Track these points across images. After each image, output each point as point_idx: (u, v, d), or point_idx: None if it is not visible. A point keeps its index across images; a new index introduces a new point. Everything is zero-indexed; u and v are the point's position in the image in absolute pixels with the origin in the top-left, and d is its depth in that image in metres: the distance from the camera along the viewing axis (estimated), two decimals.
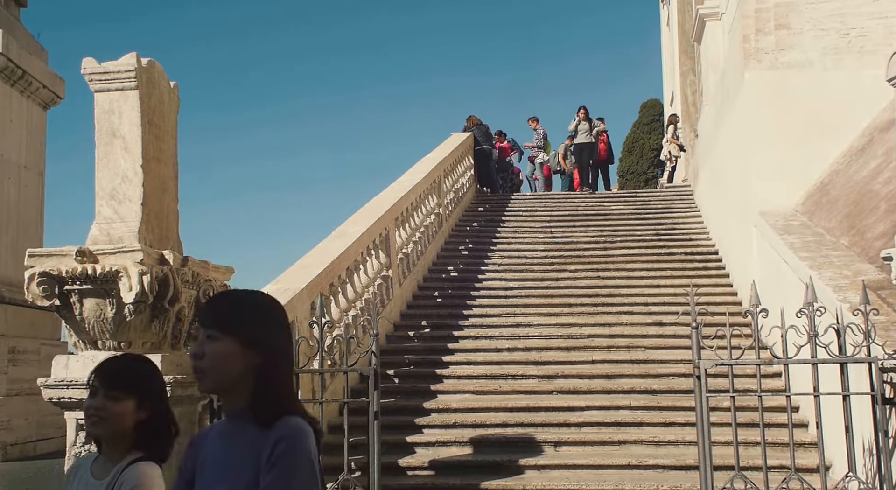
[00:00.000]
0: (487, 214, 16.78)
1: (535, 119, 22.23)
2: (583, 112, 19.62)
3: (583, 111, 19.62)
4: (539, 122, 22.28)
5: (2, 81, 11.67)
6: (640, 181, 33.28)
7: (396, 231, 11.84)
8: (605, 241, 14.32)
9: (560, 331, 10.66)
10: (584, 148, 19.67)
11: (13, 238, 11.80)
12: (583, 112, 19.62)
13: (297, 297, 7.87)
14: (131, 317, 5.15)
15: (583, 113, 19.62)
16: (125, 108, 5.70)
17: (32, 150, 12.56)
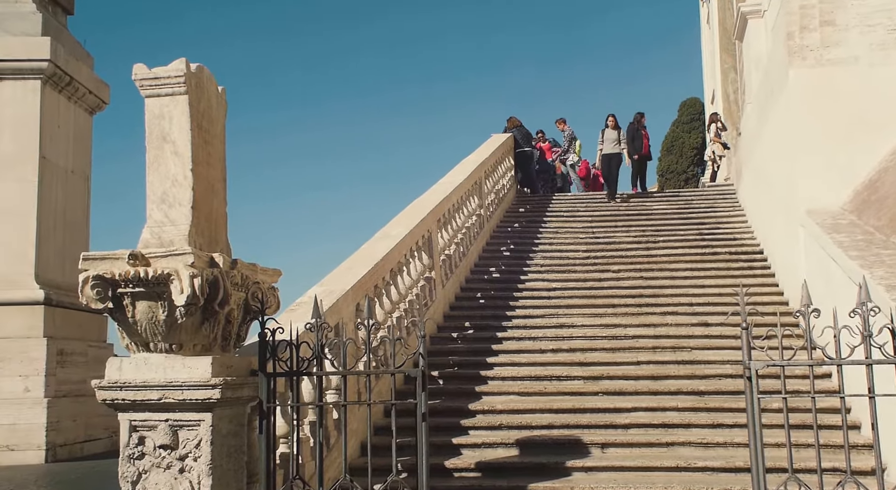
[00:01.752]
0: (528, 215, 16.74)
1: (562, 120, 21.98)
2: (612, 120, 18.56)
3: (611, 119, 18.58)
4: (566, 122, 22.05)
5: (50, 88, 11.89)
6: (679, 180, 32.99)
7: (439, 232, 11.84)
8: (647, 241, 14.21)
9: (604, 332, 10.60)
10: (612, 158, 18.39)
11: (61, 242, 12.00)
12: (612, 120, 18.56)
13: (342, 299, 7.89)
14: (182, 319, 5.20)
15: (612, 121, 18.55)
16: (175, 112, 5.76)
17: (79, 155, 12.78)
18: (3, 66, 11.56)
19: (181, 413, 5.16)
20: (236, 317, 5.65)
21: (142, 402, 5.14)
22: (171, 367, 5.17)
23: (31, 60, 11.61)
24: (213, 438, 5.16)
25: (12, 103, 11.60)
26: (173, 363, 5.19)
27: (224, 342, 5.59)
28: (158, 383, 5.12)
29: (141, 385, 5.13)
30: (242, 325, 5.78)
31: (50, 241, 11.71)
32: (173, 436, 5.14)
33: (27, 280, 11.17)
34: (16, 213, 11.30)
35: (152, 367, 5.20)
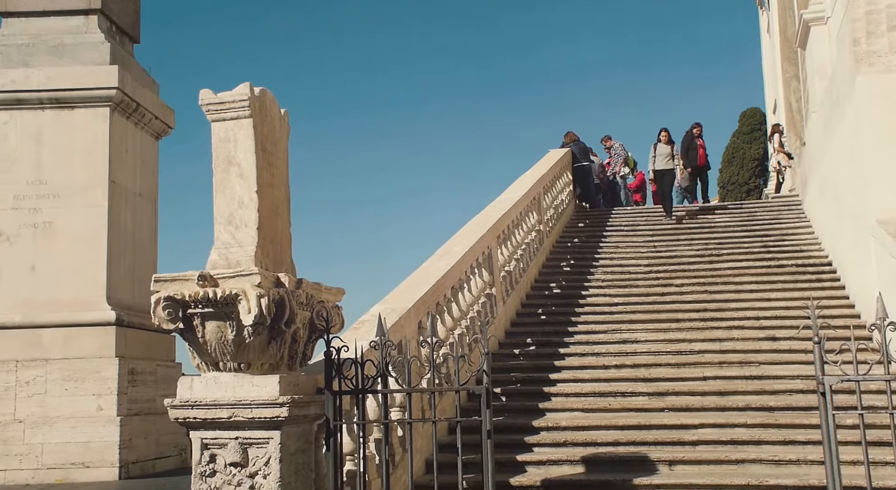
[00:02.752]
0: (588, 230, 16.63)
1: (607, 137, 21.74)
2: (664, 134, 17.76)
3: (664, 133, 17.77)
4: (612, 138, 21.77)
5: (118, 114, 12.23)
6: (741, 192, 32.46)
7: (499, 249, 11.83)
8: (710, 254, 14.00)
9: (668, 347, 10.45)
10: (666, 174, 17.61)
11: (130, 264, 12.31)
12: (664, 134, 17.76)
13: (404, 317, 7.93)
14: (250, 338, 5.28)
15: (664, 135, 17.75)
16: (240, 135, 5.88)
17: (146, 179, 13.10)
18: (75, 95, 11.95)
19: (250, 431, 5.23)
20: (302, 336, 5.72)
21: (212, 421, 5.22)
22: (240, 386, 5.25)
23: (100, 88, 11.98)
24: (282, 456, 5.22)
25: (83, 130, 11.97)
26: (242, 382, 5.27)
27: (291, 361, 5.66)
28: (228, 402, 5.21)
29: (211, 404, 5.22)
30: (308, 344, 5.84)
31: (120, 263, 12.02)
32: (243, 453, 5.22)
33: (99, 301, 11.47)
34: (87, 237, 11.63)
35: (222, 385, 5.29)
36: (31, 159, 11.85)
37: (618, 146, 21.46)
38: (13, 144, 11.90)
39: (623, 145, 21.57)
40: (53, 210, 11.68)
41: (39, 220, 11.65)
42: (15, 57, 12.28)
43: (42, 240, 11.61)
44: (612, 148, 21.44)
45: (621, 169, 21.35)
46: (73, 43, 12.42)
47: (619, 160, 21.28)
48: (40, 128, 11.95)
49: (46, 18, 12.64)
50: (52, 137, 11.94)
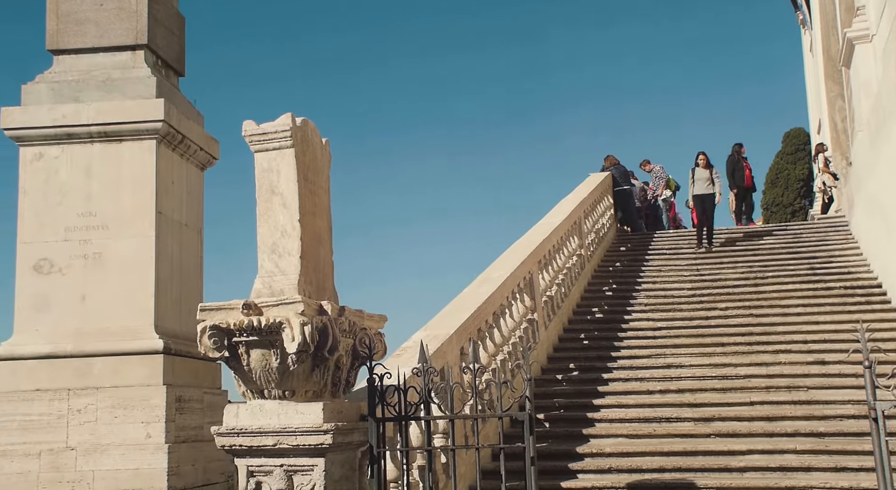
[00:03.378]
0: (630, 254, 16.54)
1: (646, 162, 21.59)
2: (702, 158, 17.22)
3: (702, 157, 17.23)
4: (651, 162, 21.62)
5: (164, 146, 12.49)
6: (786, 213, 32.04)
7: (540, 274, 11.82)
8: (755, 277, 13.84)
9: (714, 371, 10.33)
10: (706, 199, 16.90)
11: (177, 293, 12.50)
12: (702, 158, 17.22)
13: (446, 343, 7.95)
14: (294, 366, 5.34)
15: (702, 159, 17.21)
16: (282, 165, 5.98)
17: (192, 209, 13.33)
18: (122, 129, 12.24)
19: (295, 458, 5.28)
20: (345, 363, 5.77)
21: (258, 448, 5.28)
22: (285, 414, 5.31)
23: (146, 121, 12.24)
24: (326, 483, 5.25)
25: (131, 163, 12.24)
26: (286, 409, 5.33)
27: (334, 388, 5.71)
28: (273, 429, 5.26)
29: (256, 431, 5.28)
30: (351, 371, 5.89)
31: (167, 292, 12.22)
32: (288, 481, 5.26)
33: (147, 330, 11.66)
34: (135, 267, 11.86)
35: (267, 413, 5.35)
36: (82, 192, 12.13)
37: (658, 169, 21.32)
38: (64, 178, 12.21)
39: (663, 168, 21.45)
40: (103, 241, 11.93)
41: (89, 251, 11.90)
42: (66, 93, 12.61)
43: (92, 270, 11.86)
44: (652, 171, 21.32)
45: (663, 192, 21.20)
46: (121, 78, 12.73)
47: (660, 183, 21.15)
48: (90, 161, 12.25)
49: (95, 55, 12.98)
50: (101, 170, 12.22)
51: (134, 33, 12.92)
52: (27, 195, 12.20)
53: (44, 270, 11.91)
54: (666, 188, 21.25)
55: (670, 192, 21.53)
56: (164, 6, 13.57)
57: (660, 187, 21.13)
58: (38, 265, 11.93)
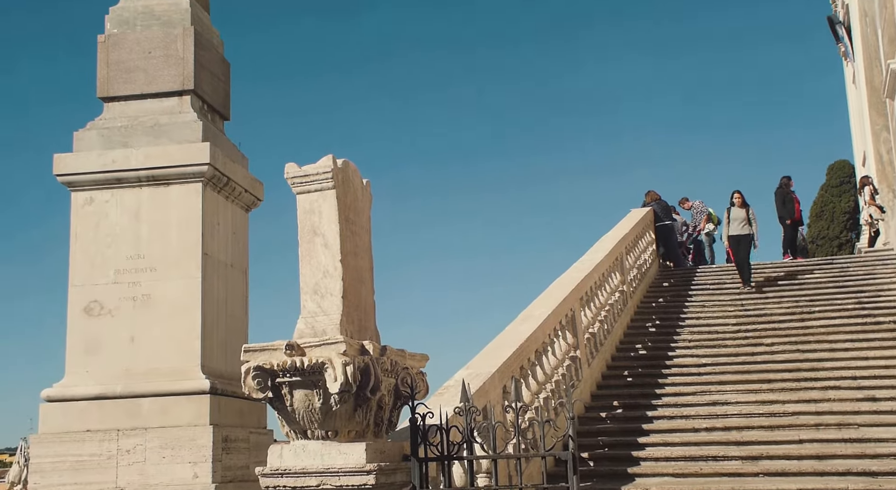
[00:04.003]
0: (673, 289, 16.41)
1: (685, 199, 21.42)
2: (738, 197, 16.55)
3: (738, 196, 16.56)
4: (689, 199, 21.46)
5: (210, 189, 12.76)
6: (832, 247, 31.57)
7: (582, 311, 11.79)
8: (801, 311, 13.63)
9: (760, 408, 10.16)
10: (742, 240, 16.19)
11: (223, 333, 12.68)
12: (738, 197, 16.55)
13: (488, 382, 7.95)
14: (337, 406, 5.41)
15: (738, 198, 16.54)
16: (324, 207, 6.11)
17: (237, 250, 13.56)
18: (170, 172, 12.55)
19: None
20: (387, 402, 5.82)
21: (302, 489, 5.33)
22: (328, 454, 5.36)
23: (193, 165, 12.54)
24: None
25: (178, 206, 12.52)
26: (329, 450, 5.38)
27: (377, 428, 5.75)
28: (316, 470, 5.32)
29: (300, 472, 5.34)
30: (393, 411, 5.94)
31: (213, 332, 12.41)
32: None
33: (194, 371, 11.84)
34: (182, 308, 12.08)
35: (310, 453, 5.41)
36: (131, 235, 12.43)
37: (698, 204, 21.21)
38: (114, 221, 12.52)
39: (703, 202, 21.33)
40: (151, 282, 12.19)
41: (138, 293, 12.16)
42: (115, 138, 12.98)
43: (140, 311, 12.10)
44: (692, 207, 21.20)
45: (705, 226, 21.04)
46: (169, 122, 13.07)
47: (701, 217, 21.01)
48: (139, 204, 12.56)
49: (143, 101, 13.36)
50: (150, 213, 12.51)
51: (181, 79, 13.28)
52: (78, 239, 12.52)
53: (94, 312, 12.17)
54: (708, 222, 21.08)
55: (713, 225, 21.34)
56: (210, 52, 13.94)
57: (701, 222, 20.98)
58: (88, 307, 12.21)
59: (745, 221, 16.41)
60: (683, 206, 21.29)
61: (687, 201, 21.37)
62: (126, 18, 13.46)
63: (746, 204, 16.65)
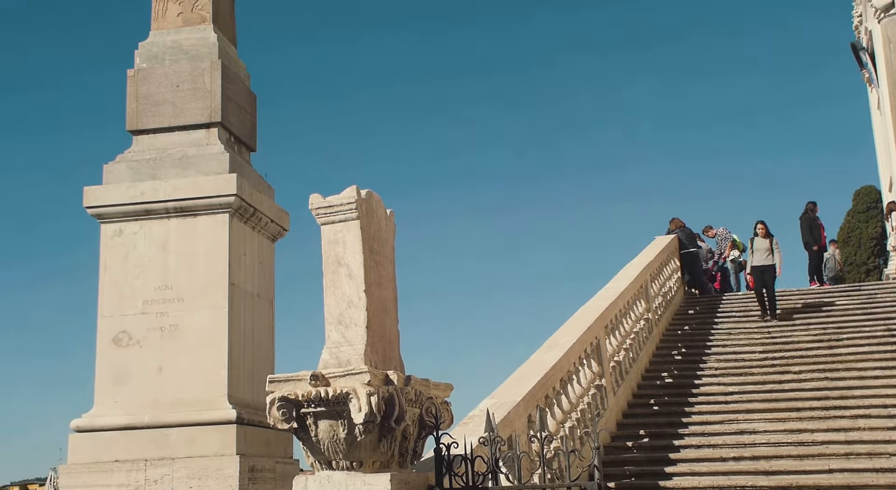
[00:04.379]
0: (698, 317, 16.31)
1: (708, 227, 21.32)
2: (761, 228, 16.32)
3: (761, 227, 16.34)
4: (713, 227, 21.36)
5: (236, 220, 12.90)
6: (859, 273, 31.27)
7: (607, 339, 11.76)
8: (829, 338, 13.51)
9: (789, 438, 10.06)
10: (766, 271, 15.88)
11: (249, 363, 12.76)
12: (761, 228, 16.32)
13: (513, 411, 7.95)
14: (361, 436, 5.44)
15: (761, 229, 16.32)
16: (348, 237, 6.18)
17: (263, 280, 13.68)
18: (197, 203, 12.71)
19: None
20: (412, 432, 5.84)
21: None
22: (353, 485, 5.39)
23: (220, 196, 12.69)
24: None
25: (205, 236, 12.67)
26: (354, 480, 5.41)
27: (401, 458, 5.77)
28: None
29: None
30: (418, 441, 5.95)
31: (240, 362, 12.49)
32: None
33: (221, 401, 11.90)
34: (209, 338, 12.18)
35: (335, 484, 5.43)
36: (159, 265, 12.58)
37: (722, 231, 21.13)
38: (142, 252, 12.68)
39: (727, 229, 21.24)
40: (178, 313, 12.31)
41: (166, 324, 12.29)
42: (144, 170, 13.18)
43: (168, 342, 12.21)
44: (717, 235, 21.12)
45: (730, 253, 20.93)
46: (196, 154, 13.25)
47: (725, 244, 20.91)
48: (166, 235, 12.72)
49: (171, 133, 13.56)
50: (177, 244, 12.66)
51: (208, 112, 13.48)
52: (107, 270, 12.69)
53: (122, 343, 12.31)
54: (733, 248, 20.96)
55: (738, 252, 21.21)
56: (237, 85, 14.16)
57: (726, 248, 20.88)
58: (117, 338, 12.34)
59: (769, 252, 16.14)
60: (707, 234, 21.22)
61: (711, 229, 21.30)
62: (155, 53, 13.72)
63: (770, 234, 16.41)
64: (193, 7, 13.90)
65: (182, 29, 13.87)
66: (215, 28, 13.86)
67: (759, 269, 16.07)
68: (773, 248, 16.17)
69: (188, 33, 13.82)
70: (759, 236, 16.35)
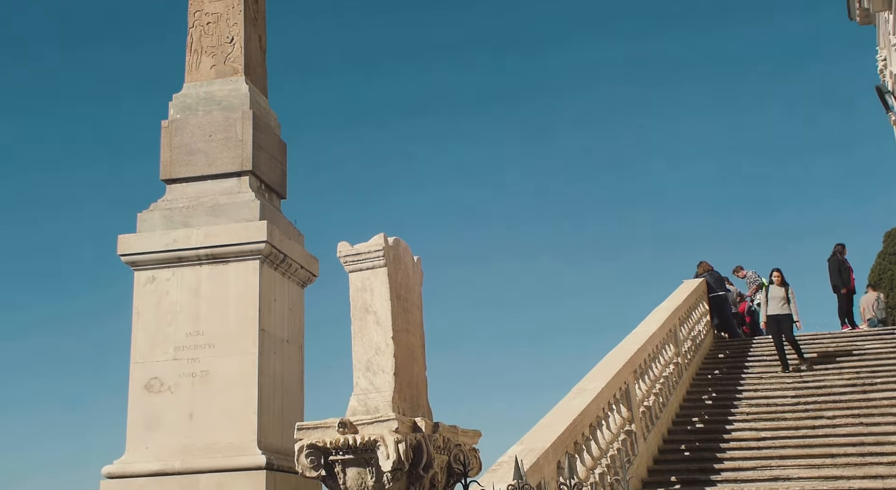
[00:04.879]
0: (728, 361, 16.19)
1: (739, 268, 21.19)
2: (777, 276, 16.14)
3: (777, 275, 16.16)
4: (744, 267, 21.25)
5: (267, 266, 13.08)
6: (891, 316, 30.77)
7: (636, 383, 11.70)
8: (863, 383, 13.34)
9: (824, 485, 9.92)
10: (782, 320, 15.65)
11: (279, 409, 12.83)
12: (777, 276, 16.14)
13: (542, 457, 7.94)
14: (390, 484, 5.47)
15: (777, 277, 16.13)
16: (376, 284, 6.29)
17: (293, 326, 13.80)
18: (229, 251, 12.91)
19: None
20: (440, 480, 5.86)
21: None
22: None
23: (250, 243, 12.88)
24: None
25: (236, 283, 12.85)
26: None
27: None
28: None
29: None
30: (446, 488, 5.97)
31: (269, 408, 12.56)
32: None
33: (250, 446, 11.96)
34: (239, 384, 12.27)
35: None
36: (190, 312, 12.75)
37: (751, 274, 20.99)
38: (174, 299, 12.87)
39: (756, 272, 21.11)
40: (209, 359, 12.44)
41: (197, 370, 12.42)
42: (177, 218, 13.43)
43: (199, 388, 12.33)
44: (746, 277, 21.00)
45: (755, 295, 20.79)
46: (228, 202, 13.49)
47: (753, 287, 20.79)
48: (198, 282, 12.91)
49: (204, 182, 13.83)
50: (209, 290, 12.84)
51: (240, 161, 13.75)
52: (140, 317, 12.88)
53: (154, 389, 12.44)
54: (758, 291, 20.80)
55: None
56: (268, 134, 14.44)
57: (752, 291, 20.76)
58: (149, 384, 12.49)
59: (784, 301, 15.86)
60: (738, 274, 21.11)
61: (741, 270, 21.18)
62: (188, 104, 14.06)
63: (786, 283, 16.14)
64: (226, 60, 14.27)
65: (215, 81, 14.22)
66: (247, 79, 14.19)
67: (774, 318, 15.81)
68: (788, 296, 15.86)
69: (221, 85, 14.16)
70: (774, 284, 16.10)
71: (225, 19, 14.44)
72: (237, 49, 14.33)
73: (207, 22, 14.50)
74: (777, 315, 15.75)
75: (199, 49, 14.43)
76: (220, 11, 14.53)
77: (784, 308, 15.77)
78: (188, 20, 14.54)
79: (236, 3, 14.41)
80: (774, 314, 15.80)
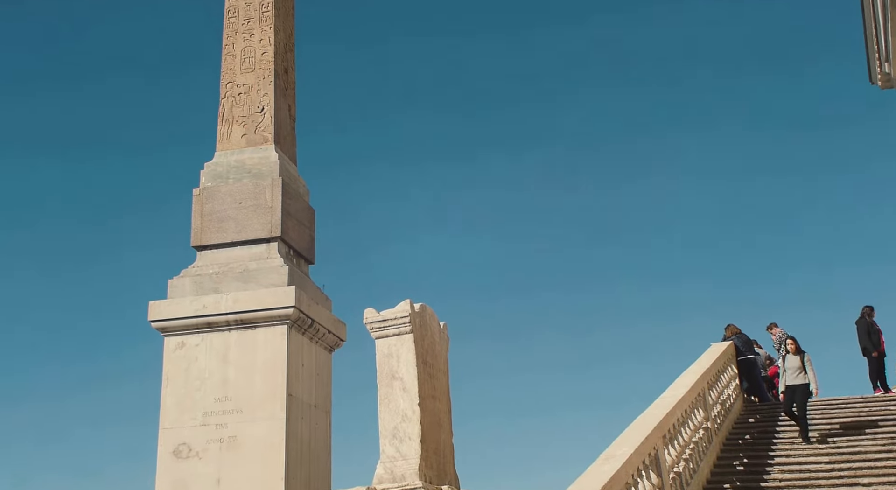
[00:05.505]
0: (759, 425, 15.97)
1: (773, 324, 21.00)
2: (792, 344, 15.94)
3: (791, 343, 15.97)
4: (777, 325, 21.04)
5: (295, 331, 13.21)
6: None
7: (665, 449, 11.58)
8: None
9: None
10: (797, 390, 15.37)
11: (306, 475, 12.82)
12: (792, 344, 15.94)
13: None
14: None
15: (792, 345, 15.91)
16: (402, 350, 6.41)
17: (320, 391, 13.85)
18: (258, 316, 13.07)
19: None
20: None
21: None
22: None
23: (279, 308, 13.04)
24: None
25: (264, 348, 12.97)
26: None
27: None
28: None
29: None
30: None
31: (297, 474, 12.55)
32: None
33: None
34: (266, 449, 12.30)
35: None
36: (219, 377, 12.87)
37: (780, 332, 20.80)
38: (203, 364, 13.00)
39: (785, 331, 20.88)
40: (237, 424, 12.50)
41: (225, 435, 12.48)
42: (207, 284, 13.64)
43: (226, 453, 12.37)
44: (775, 335, 20.81)
45: None
46: (257, 268, 13.70)
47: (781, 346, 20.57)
48: (227, 348, 13.05)
49: (233, 248, 14.08)
50: (237, 356, 12.97)
51: (269, 227, 14.01)
52: (169, 382, 13.02)
53: (182, 455, 12.50)
54: None
55: None
56: (296, 201, 14.72)
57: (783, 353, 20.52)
58: (177, 450, 12.55)
59: (801, 370, 15.62)
60: (771, 331, 20.91)
61: (775, 327, 20.98)
62: (219, 172, 14.40)
63: (801, 350, 15.89)
64: (256, 129, 14.65)
65: (245, 149, 14.58)
66: (276, 148, 14.55)
67: (791, 388, 15.52)
68: (804, 365, 15.59)
69: (251, 153, 14.52)
70: (789, 353, 15.78)
71: (256, 90, 14.87)
72: (267, 118, 14.73)
73: (239, 92, 14.95)
74: (793, 385, 15.50)
75: (230, 119, 14.85)
76: (252, 82, 14.97)
77: (800, 377, 15.53)
78: (220, 91, 15.00)
79: (267, 74, 14.86)
80: (791, 384, 15.54)
